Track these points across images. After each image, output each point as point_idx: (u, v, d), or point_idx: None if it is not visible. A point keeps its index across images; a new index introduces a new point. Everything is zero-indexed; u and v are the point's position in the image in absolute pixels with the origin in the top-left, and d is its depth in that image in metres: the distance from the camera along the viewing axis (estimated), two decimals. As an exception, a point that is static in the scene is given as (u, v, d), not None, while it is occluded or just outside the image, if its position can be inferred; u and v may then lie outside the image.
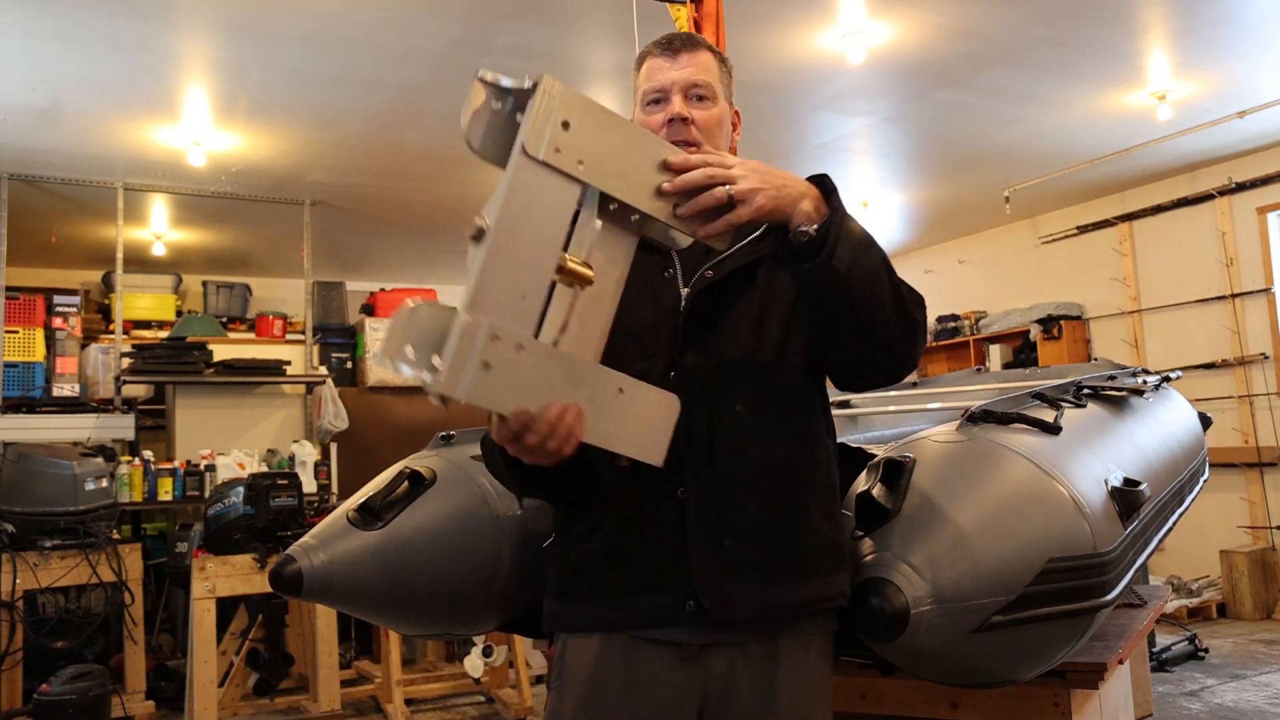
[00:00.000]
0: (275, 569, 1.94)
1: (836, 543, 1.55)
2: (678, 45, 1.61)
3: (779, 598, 1.47)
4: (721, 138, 1.62)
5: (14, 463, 4.99)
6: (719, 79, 1.63)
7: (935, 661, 1.61)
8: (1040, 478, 1.72)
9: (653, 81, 1.60)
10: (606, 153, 1.31)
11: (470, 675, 4.80)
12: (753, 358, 1.53)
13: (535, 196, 1.26)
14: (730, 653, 1.48)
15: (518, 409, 1.22)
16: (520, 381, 1.22)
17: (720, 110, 1.61)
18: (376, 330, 7.34)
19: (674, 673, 1.48)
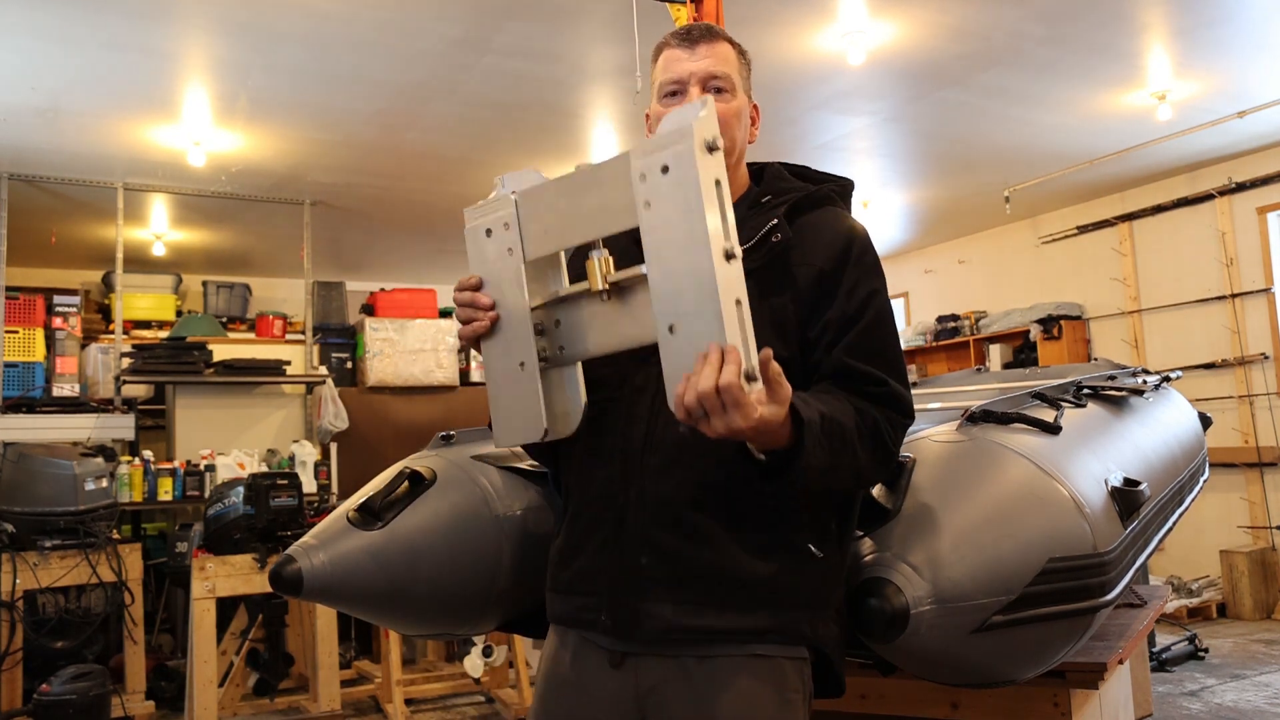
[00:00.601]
0: (275, 569, 1.94)
1: (768, 581, 1.43)
2: (696, 36, 1.57)
3: (687, 623, 1.41)
4: (739, 131, 1.59)
5: (14, 463, 4.99)
6: (738, 71, 1.60)
7: (935, 661, 1.61)
8: (1040, 478, 1.72)
9: (670, 72, 1.57)
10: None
11: (470, 675, 4.80)
12: None
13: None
14: (662, 665, 1.45)
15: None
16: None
17: (739, 104, 1.58)
18: (376, 330, 7.35)
19: (608, 677, 1.48)
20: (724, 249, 1.20)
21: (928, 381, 4.26)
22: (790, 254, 1.51)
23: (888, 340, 1.52)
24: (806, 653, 1.48)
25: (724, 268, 1.20)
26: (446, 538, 1.95)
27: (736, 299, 1.21)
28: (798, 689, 1.46)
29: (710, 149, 1.21)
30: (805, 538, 1.46)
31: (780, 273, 1.52)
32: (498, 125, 5.46)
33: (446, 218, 7.25)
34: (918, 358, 8.93)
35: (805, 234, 1.54)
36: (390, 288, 7.90)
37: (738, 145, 1.60)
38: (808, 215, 1.58)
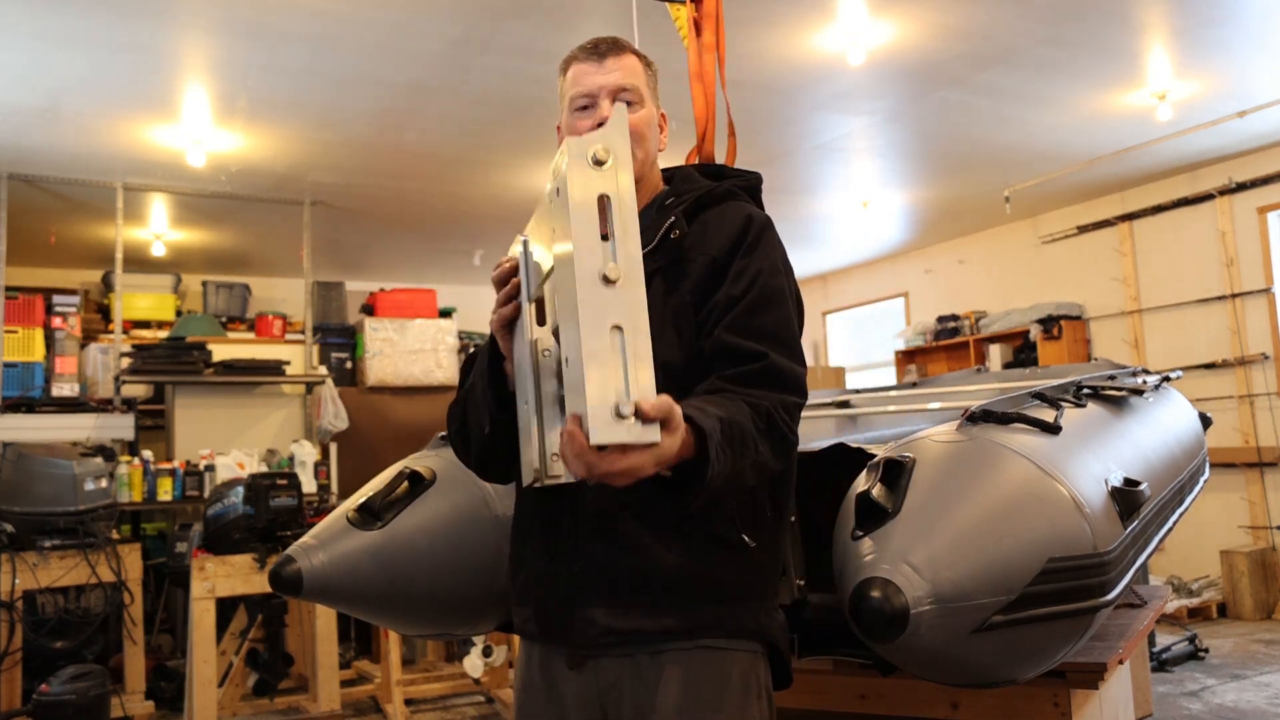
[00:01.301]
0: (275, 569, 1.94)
1: (699, 577, 1.45)
2: (604, 50, 1.61)
3: (618, 626, 1.45)
4: (650, 140, 1.62)
5: (13, 463, 4.99)
6: (645, 82, 1.64)
7: (935, 661, 1.60)
8: (1040, 478, 1.72)
9: (580, 86, 1.60)
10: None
11: (470, 675, 4.80)
12: None
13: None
14: (617, 664, 1.48)
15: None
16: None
17: (648, 113, 1.62)
18: (376, 330, 7.35)
19: (570, 679, 1.52)
20: (599, 272, 1.13)
21: (928, 381, 4.26)
22: (689, 249, 1.55)
23: (771, 315, 1.50)
24: (758, 646, 1.52)
25: (598, 292, 1.13)
26: (446, 538, 1.95)
27: (615, 324, 1.13)
28: (748, 679, 1.49)
29: (597, 162, 1.16)
30: (737, 528, 1.48)
31: (681, 269, 1.55)
32: (498, 125, 5.46)
33: (446, 218, 7.25)
34: (917, 358, 8.93)
35: (706, 228, 1.58)
36: (390, 288, 7.91)
37: (650, 153, 1.64)
38: (710, 211, 1.61)
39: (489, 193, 6.62)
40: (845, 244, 8.90)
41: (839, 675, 2.16)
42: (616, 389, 1.11)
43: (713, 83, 2.63)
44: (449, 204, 6.90)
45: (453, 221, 7.35)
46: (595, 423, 1.09)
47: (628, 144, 1.22)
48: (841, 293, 10.24)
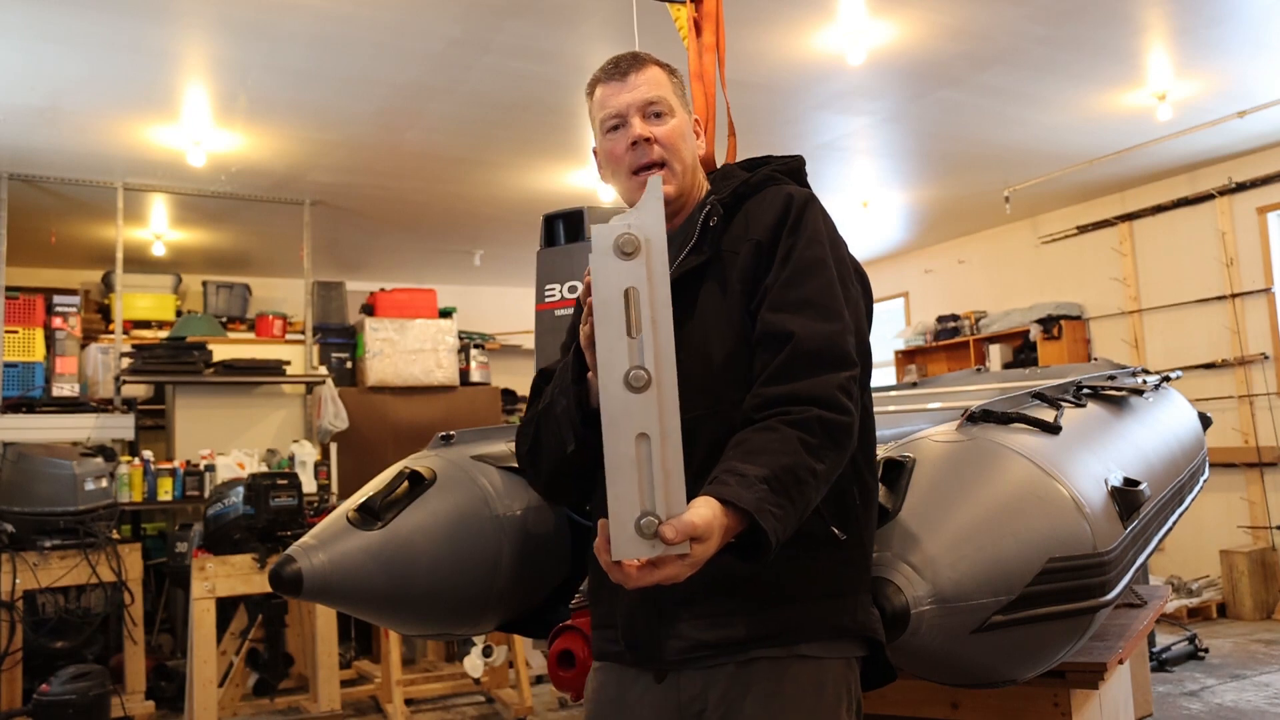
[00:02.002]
0: (275, 569, 1.94)
1: (789, 578, 1.41)
2: (625, 67, 1.60)
3: (709, 638, 1.42)
4: (687, 149, 1.61)
5: (14, 463, 4.99)
6: (672, 91, 1.62)
7: (935, 661, 1.61)
8: (1040, 477, 1.72)
9: (608, 108, 1.59)
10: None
11: (470, 675, 4.80)
12: (692, 376, 1.41)
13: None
14: (702, 675, 1.45)
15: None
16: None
17: (680, 122, 1.60)
18: (376, 330, 7.35)
19: (651, 693, 1.50)
20: (623, 378, 1.08)
21: (928, 381, 4.26)
22: (734, 239, 1.54)
23: (808, 285, 1.46)
24: (855, 648, 1.47)
25: (623, 399, 1.08)
26: (446, 538, 1.95)
27: (641, 433, 1.09)
28: (839, 692, 1.44)
29: (624, 253, 1.09)
30: (826, 522, 1.43)
31: (726, 261, 1.53)
32: (498, 125, 5.46)
33: (446, 217, 7.25)
34: (917, 358, 8.94)
35: (749, 217, 1.56)
36: (390, 288, 7.91)
37: (688, 162, 1.61)
38: (750, 200, 1.60)
39: (489, 193, 6.62)
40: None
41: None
42: (640, 504, 1.08)
43: (713, 83, 2.63)
44: (449, 204, 6.89)
45: (453, 221, 7.34)
46: (616, 540, 1.08)
47: (662, 222, 1.18)
48: (841, 293, 10.23)
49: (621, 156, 1.57)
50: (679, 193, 1.59)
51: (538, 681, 5.24)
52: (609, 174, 1.63)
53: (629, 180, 1.58)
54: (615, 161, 1.59)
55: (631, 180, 1.57)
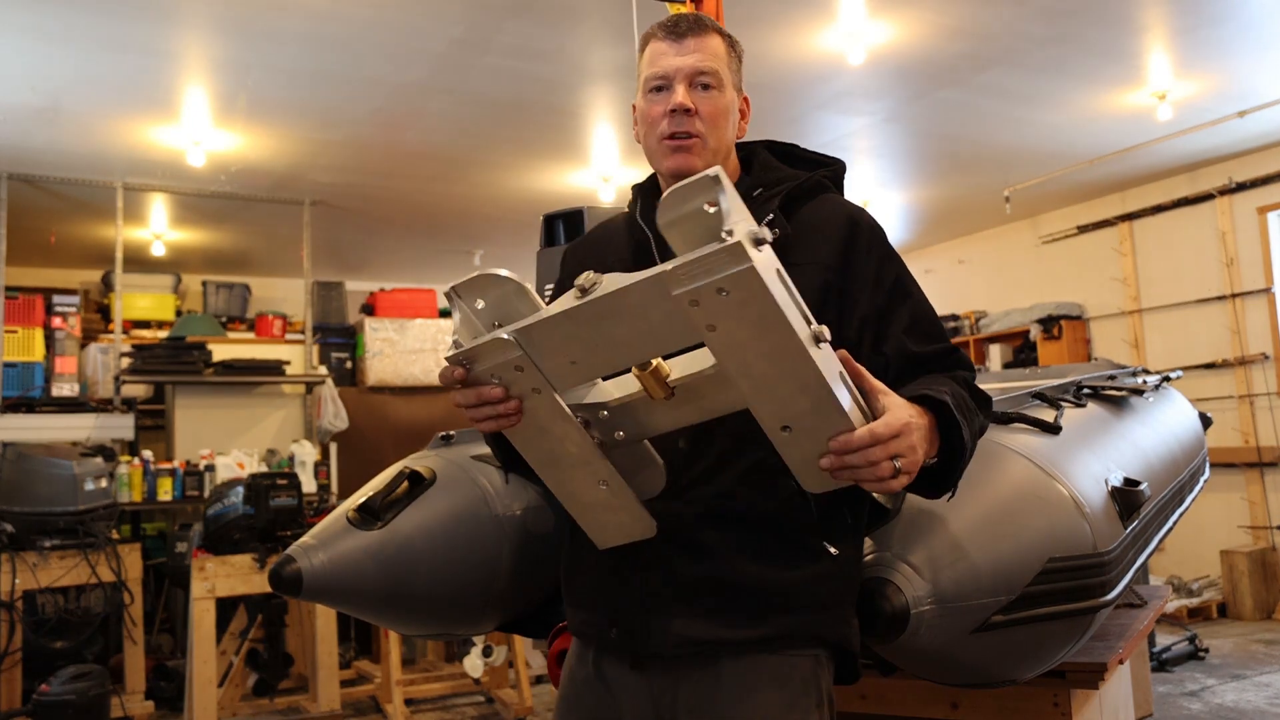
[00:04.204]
0: (275, 569, 1.94)
1: (782, 589, 1.42)
2: (684, 29, 1.52)
3: (696, 635, 1.42)
4: (728, 129, 1.54)
5: (13, 463, 4.99)
6: (728, 65, 1.54)
7: (935, 661, 1.60)
8: (1040, 477, 1.72)
9: (656, 67, 1.51)
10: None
11: (470, 675, 4.80)
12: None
13: (659, 309, 1.16)
14: (673, 668, 1.45)
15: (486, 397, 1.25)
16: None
17: (727, 100, 1.53)
18: (376, 330, 7.35)
19: (629, 677, 1.49)
20: (811, 337, 1.12)
21: (928, 381, 4.25)
22: (791, 251, 1.42)
23: (929, 313, 1.50)
24: (825, 652, 1.47)
25: (820, 355, 1.13)
26: (446, 538, 1.95)
27: (839, 373, 1.17)
28: (811, 690, 1.44)
29: (758, 243, 1.08)
30: (820, 538, 1.44)
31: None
32: (498, 125, 5.46)
33: (446, 218, 7.25)
34: (918, 358, 8.93)
35: (804, 228, 1.51)
36: (390, 288, 7.91)
37: (725, 142, 1.55)
38: (804, 207, 1.55)
39: (489, 193, 6.62)
40: (845, 244, 8.89)
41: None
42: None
43: (713, 83, 2.63)
44: (449, 204, 6.89)
45: (453, 221, 7.34)
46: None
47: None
48: (841, 293, 10.23)
49: (658, 120, 1.51)
50: (706, 167, 1.48)
51: (538, 681, 5.23)
52: (641, 133, 1.57)
53: (658, 145, 1.52)
54: (650, 123, 1.53)
55: (660, 145, 1.51)
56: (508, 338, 1.19)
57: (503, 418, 1.25)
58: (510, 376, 1.22)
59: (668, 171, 1.53)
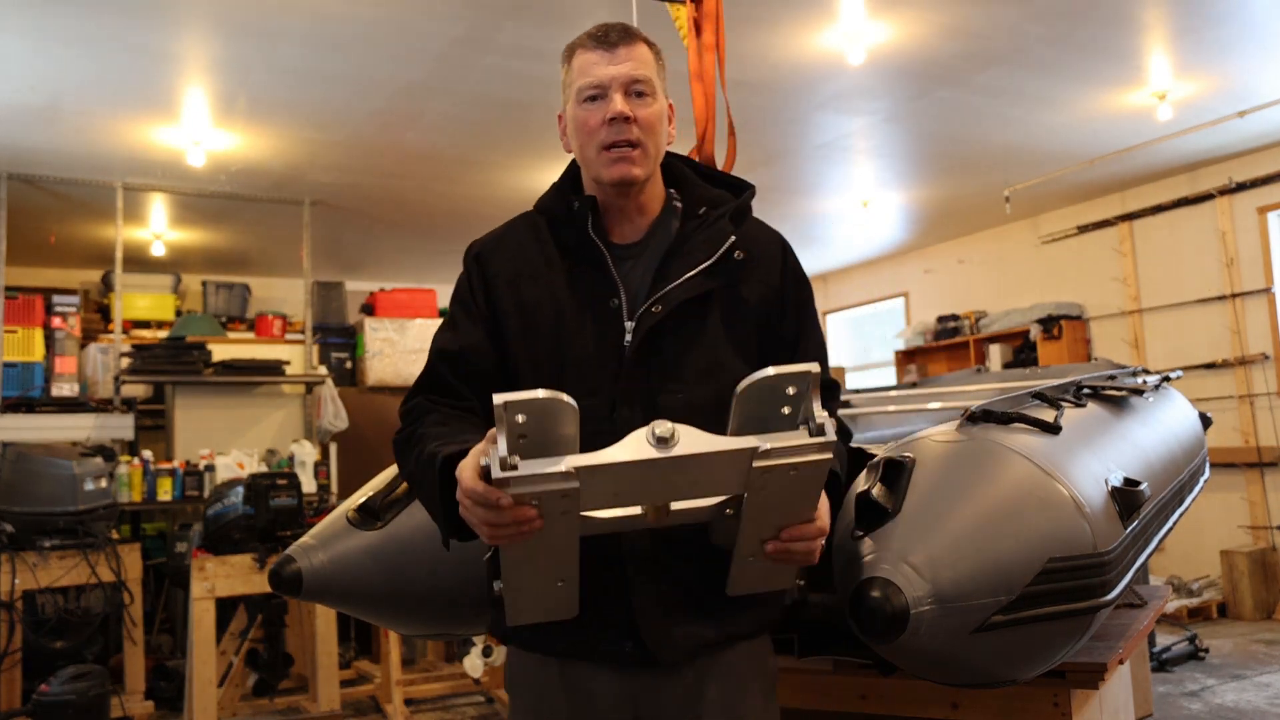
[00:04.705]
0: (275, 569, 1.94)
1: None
2: (615, 39, 1.55)
3: (713, 635, 1.51)
4: (662, 135, 1.57)
5: (13, 463, 4.98)
6: (657, 73, 1.57)
7: (935, 661, 1.60)
8: (1040, 477, 1.72)
9: (590, 76, 1.54)
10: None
11: (470, 675, 4.80)
12: (700, 402, 1.47)
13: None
14: (658, 669, 1.50)
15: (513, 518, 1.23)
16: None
17: (660, 106, 1.56)
18: (376, 330, 7.35)
19: (609, 684, 1.51)
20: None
21: (928, 381, 4.26)
22: (744, 270, 1.55)
23: (823, 339, 1.67)
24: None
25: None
26: (446, 538, 1.94)
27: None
28: (771, 670, 1.62)
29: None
30: None
31: (737, 290, 1.55)
32: (498, 125, 5.46)
33: (446, 218, 7.25)
34: (917, 358, 8.93)
35: (749, 252, 1.58)
36: (390, 288, 7.91)
37: (662, 149, 1.59)
38: (742, 228, 1.60)
39: (489, 193, 6.62)
40: (845, 244, 8.90)
41: (839, 675, 2.16)
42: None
43: (713, 83, 2.63)
44: (449, 204, 6.89)
45: (453, 221, 7.34)
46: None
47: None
48: (841, 293, 10.24)
49: (595, 129, 1.52)
50: (646, 175, 1.55)
51: (537, 681, 5.23)
52: (575, 144, 1.58)
53: (597, 155, 1.53)
54: (587, 133, 1.54)
55: (600, 155, 1.52)
56: (569, 471, 1.19)
57: (520, 534, 1.23)
58: (551, 503, 1.21)
59: (610, 181, 1.53)
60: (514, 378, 1.53)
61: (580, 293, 1.53)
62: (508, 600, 1.39)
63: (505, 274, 1.58)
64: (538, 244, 1.61)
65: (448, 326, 1.61)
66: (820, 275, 10.26)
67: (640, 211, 1.59)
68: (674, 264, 1.53)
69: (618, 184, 1.53)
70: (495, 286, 1.58)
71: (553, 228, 1.61)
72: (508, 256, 1.62)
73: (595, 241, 1.55)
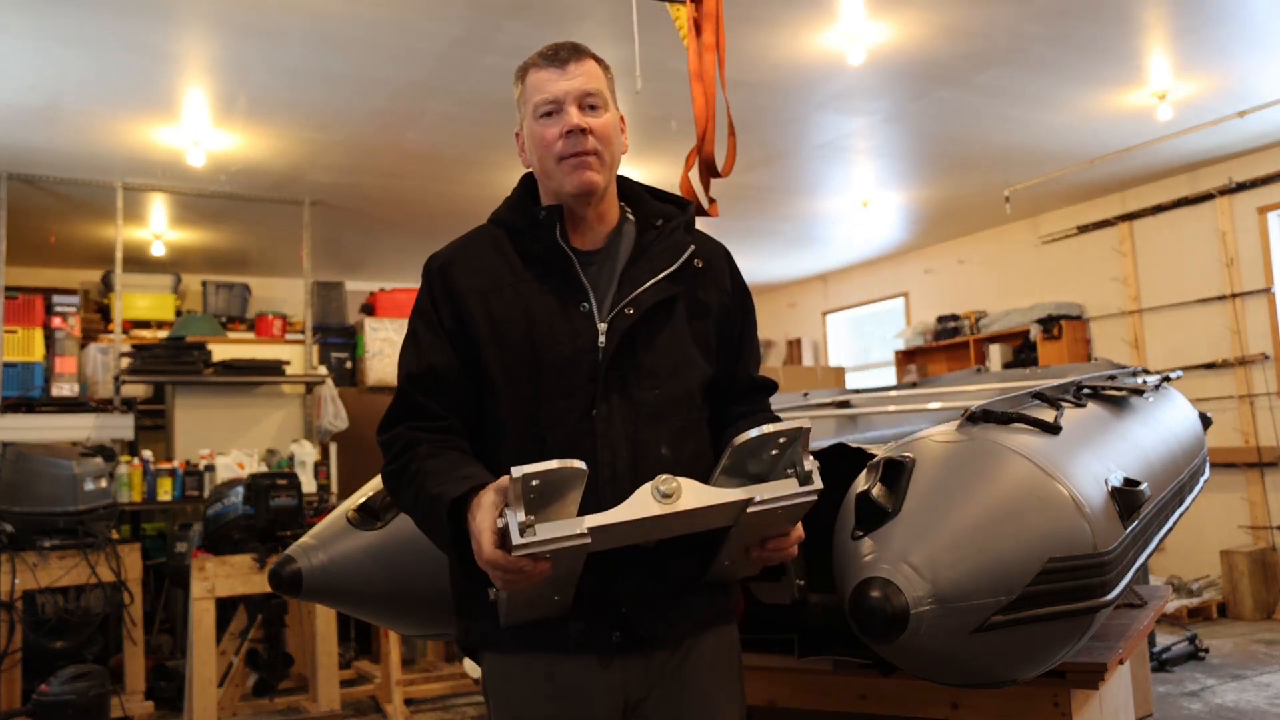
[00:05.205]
0: (275, 569, 1.94)
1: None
2: (565, 56, 1.61)
3: (696, 621, 1.60)
4: (616, 144, 1.64)
5: (13, 463, 4.98)
6: (607, 86, 1.65)
7: (935, 661, 1.60)
8: (1040, 477, 1.72)
9: (544, 93, 1.60)
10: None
11: (470, 675, 4.81)
12: (673, 398, 1.59)
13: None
14: (649, 656, 1.56)
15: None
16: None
17: (612, 117, 1.64)
18: (376, 330, 7.35)
19: (597, 678, 1.54)
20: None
21: (928, 381, 4.26)
22: (701, 277, 1.67)
23: (758, 345, 1.81)
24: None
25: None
26: (446, 538, 1.94)
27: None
28: (740, 657, 1.71)
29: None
30: None
31: (696, 296, 1.65)
32: (498, 125, 5.46)
33: (446, 218, 7.25)
34: (917, 358, 8.93)
35: (705, 257, 1.69)
36: (390, 288, 7.91)
37: (617, 158, 1.66)
38: (695, 240, 1.71)
39: (489, 193, 6.62)
40: (845, 244, 8.90)
41: (839, 675, 2.16)
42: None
43: (713, 83, 2.63)
44: (449, 204, 6.89)
45: (453, 221, 7.33)
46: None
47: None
48: (841, 293, 10.24)
49: (552, 143, 1.59)
50: (605, 183, 1.63)
51: (537, 681, 5.23)
52: (534, 158, 1.65)
53: (557, 166, 1.60)
54: (544, 147, 1.61)
55: (560, 165, 1.60)
56: (584, 532, 1.30)
57: (532, 580, 1.34)
58: (563, 555, 1.32)
59: (572, 190, 1.60)
60: (486, 386, 1.59)
61: (550, 298, 1.58)
62: (504, 607, 1.46)
63: (474, 286, 1.61)
64: (500, 255, 1.65)
65: (409, 345, 1.65)
66: (820, 275, 10.27)
67: (600, 220, 1.66)
68: (639, 270, 1.61)
69: (579, 192, 1.60)
70: (464, 299, 1.60)
71: (513, 239, 1.66)
72: (473, 268, 1.64)
73: (563, 247, 1.61)
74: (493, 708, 1.62)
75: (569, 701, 1.54)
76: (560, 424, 1.53)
